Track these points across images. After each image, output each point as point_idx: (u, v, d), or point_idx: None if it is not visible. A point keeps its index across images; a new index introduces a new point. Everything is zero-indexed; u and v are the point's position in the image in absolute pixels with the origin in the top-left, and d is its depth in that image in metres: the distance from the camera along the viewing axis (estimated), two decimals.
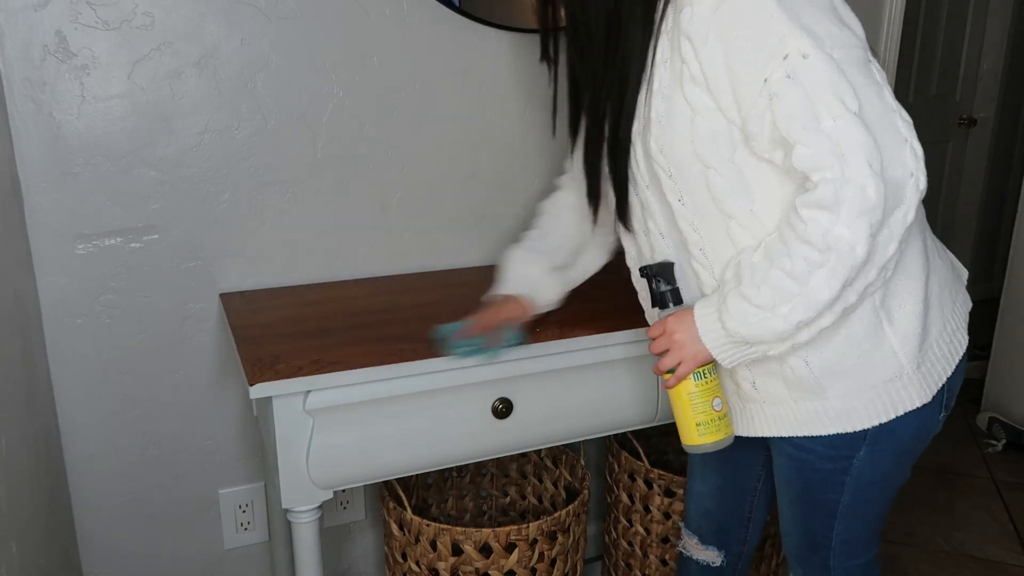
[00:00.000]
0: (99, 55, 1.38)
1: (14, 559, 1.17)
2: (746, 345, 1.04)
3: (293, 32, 1.49)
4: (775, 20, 0.92)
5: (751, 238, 1.03)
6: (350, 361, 1.22)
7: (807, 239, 0.94)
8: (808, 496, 1.18)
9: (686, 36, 0.97)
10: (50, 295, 1.45)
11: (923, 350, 1.08)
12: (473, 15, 1.60)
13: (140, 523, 1.63)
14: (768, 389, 1.12)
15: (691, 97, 1.00)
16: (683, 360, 1.08)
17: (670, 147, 1.04)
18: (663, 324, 1.10)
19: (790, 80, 0.92)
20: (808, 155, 0.92)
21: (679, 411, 1.12)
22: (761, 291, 0.98)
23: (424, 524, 1.43)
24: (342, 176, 1.60)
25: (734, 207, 1.03)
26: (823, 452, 1.12)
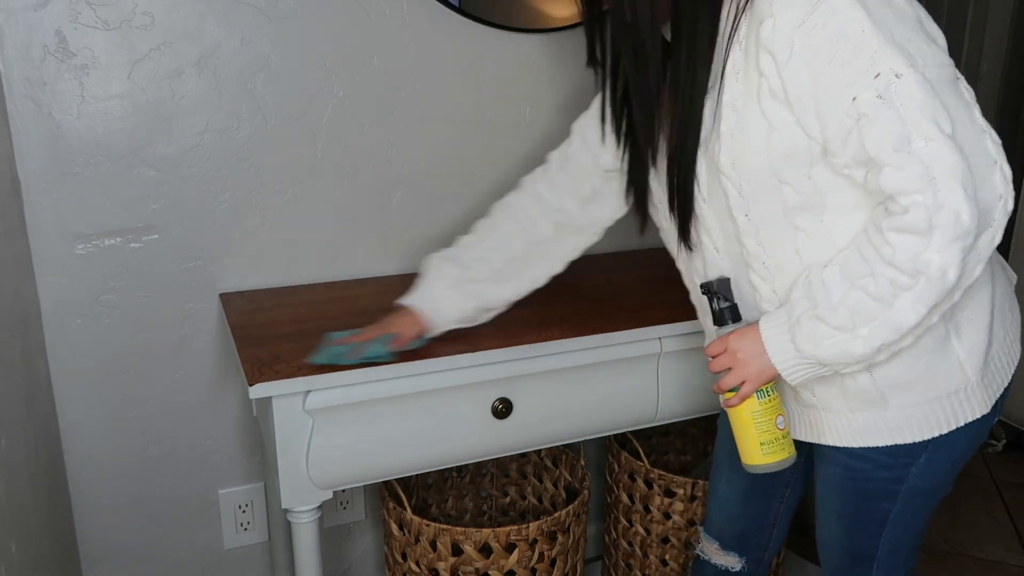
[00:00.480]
0: (99, 55, 1.38)
1: (14, 559, 1.17)
2: (820, 366, 1.01)
3: (293, 32, 1.49)
4: (866, 36, 0.88)
5: (819, 251, 1.00)
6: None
7: (894, 263, 0.91)
8: (859, 506, 1.15)
9: (767, 50, 0.93)
10: (50, 295, 1.45)
11: (987, 361, 1.06)
12: (473, 15, 1.60)
13: (140, 523, 1.63)
14: (826, 397, 1.09)
15: (769, 112, 0.96)
16: (747, 379, 1.05)
17: (742, 161, 1.00)
18: (724, 342, 1.07)
19: (881, 100, 0.88)
20: (899, 178, 0.89)
21: (741, 430, 1.09)
22: (838, 312, 0.95)
23: (424, 524, 1.43)
24: (342, 176, 1.60)
25: (804, 222, 1.00)
26: (882, 461, 1.10)
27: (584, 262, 1.80)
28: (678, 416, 1.49)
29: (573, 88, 1.74)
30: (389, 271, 1.68)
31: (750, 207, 1.03)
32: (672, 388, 1.45)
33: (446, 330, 1.29)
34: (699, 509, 1.64)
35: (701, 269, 1.15)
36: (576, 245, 1.37)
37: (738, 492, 1.32)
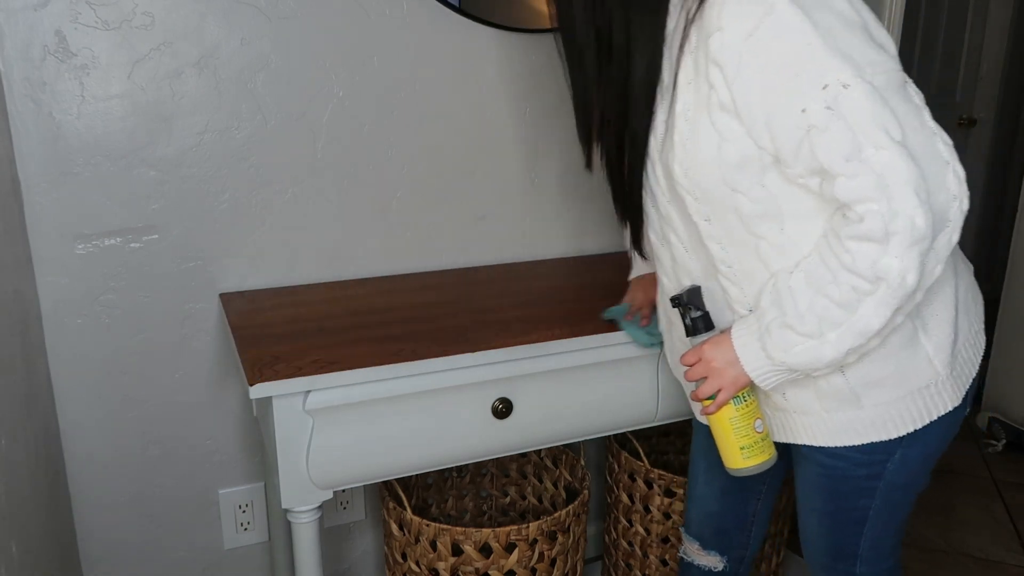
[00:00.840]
0: (99, 55, 1.38)
1: (14, 559, 1.17)
2: (791, 372, 1.03)
3: (293, 32, 1.49)
4: (813, 48, 0.89)
5: (783, 258, 1.01)
6: (350, 361, 1.22)
7: (854, 270, 0.92)
8: (838, 505, 1.17)
9: (715, 63, 0.94)
10: (50, 295, 1.45)
11: (954, 354, 1.08)
12: (473, 15, 1.60)
13: (140, 523, 1.63)
14: (798, 400, 1.11)
15: (719, 124, 0.97)
16: (723, 387, 1.07)
17: (694, 171, 1.02)
18: (699, 351, 1.09)
19: (830, 111, 0.89)
20: (852, 187, 0.90)
21: (721, 436, 1.11)
22: (806, 320, 0.97)
23: (424, 524, 1.43)
24: (342, 176, 1.60)
25: (763, 230, 1.01)
26: (858, 459, 1.11)
27: (584, 262, 1.80)
28: (678, 416, 1.49)
29: None
30: (389, 271, 1.68)
31: (709, 213, 1.04)
32: (672, 388, 1.45)
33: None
34: None
35: (670, 266, 1.16)
36: None
37: (716, 491, 1.34)
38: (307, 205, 1.58)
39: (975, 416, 2.89)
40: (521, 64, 1.68)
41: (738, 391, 1.08)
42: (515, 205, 1.76)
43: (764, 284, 1.03)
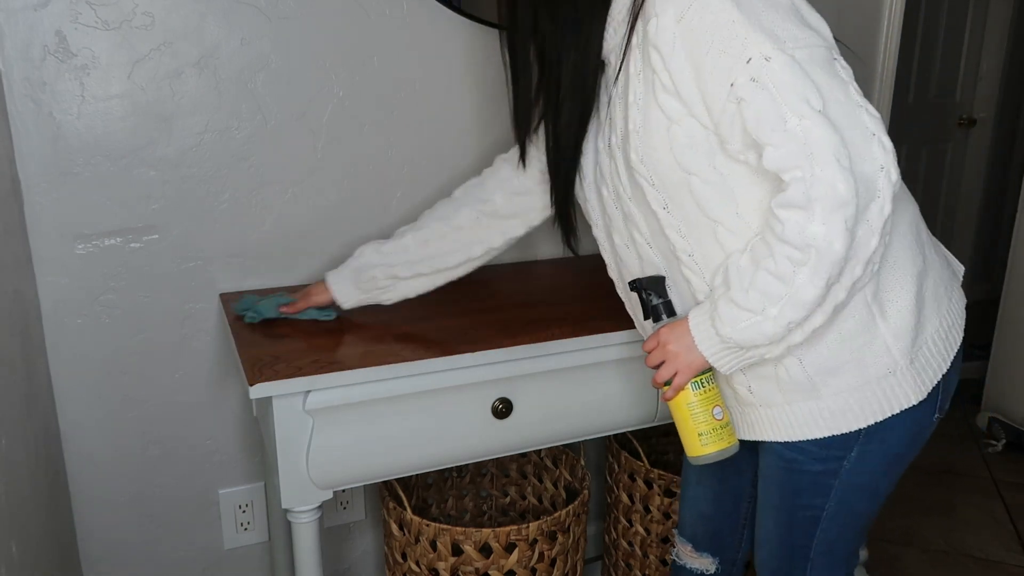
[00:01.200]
0: (99, 55, 1.38)
1: (14, 559, 1.17)
2: (741, 350, 1.04)
3: (293, 32, 1.49)
4: (736, 25, 0.94)
5: (740, 242, 1.03)
6: (350, 361, 1.22)
7: (785, 239, 0.94)
8: (793, 501, 1.16)
9: (654, 46, 0.99)
10: (50, 295, 1.45)
11: (917, 345, 1.07)
12: (473, 15, 1.60)
13: (140, 523, 1.63)
14: (763, 393, 1.11)
15: (665, 106, 1.01)
16: (679, 370, 1.08)
17: (650, 157, 1.05)
18: (657, 336, 1.10)
19: (755, 83, 0.93)
20: (778, 156, 0.93)
21: (680, 422, 1.12)
22: (749, 295, 0.99)
23: (424, 524, 1.43)
24: (342, 176, 1.60)
25: (719, 213, 1.03)
26: (815, 453, 1.11)
27: (584, 262, 1.80)
28: None
29: None
30: None
31: (667, 200, 1.07)
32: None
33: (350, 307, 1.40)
34: None
35: (637, 266, 1.17)
36: (501, 231, 1.40)
37: (708, 492, 1.34)
38: (307, 205, 1.58)
39: (975, 416, 2.89)
40: None
41: (695, 375, 1.09)
42: None
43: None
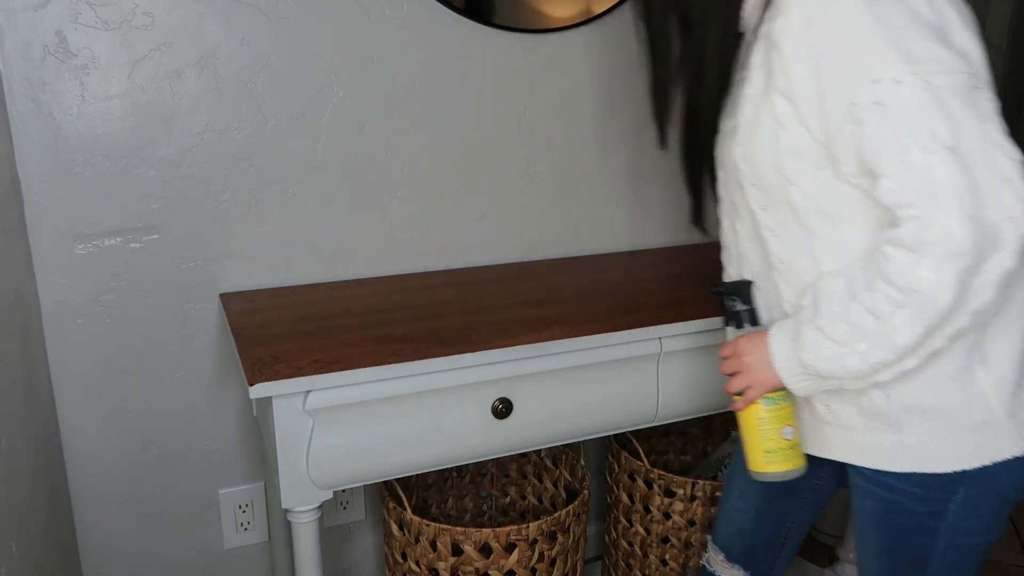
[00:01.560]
0: (99, 55, 1.38)
1: (14, 559, 1.17)
2: (820, 378, 0.99)
3: (293, 32, 1.49)
4: (870, 39, 0.86)
5: (836, 261, 0.97)
6: (350, 361, 1.22)
7: (888, 277, 0.88)
8: (897, 542, 1.07)
9: (776, 47, 0.93)
10: (50, 295, 1.45)
11: (1018, 397, 0.98)
12: (473, 15, 1.60)
13: (140, 523, 1.63)
14: (841, 413, 1.05)
15: (777, 109, 0.95)
16: (752, 384, 1.04)
17: (752, 157, 1.00)
18: (734, 345, 1.07)
19: (879, 107, 0.86)
20: (893, 189, 0.86)
21: (746, 435, 1.08)
22: (838, 325, 0.93)
23: (424, 524, 1.43)
24: (342, 176, 1.60)
25: (818, 227, 0.98)
26: (918, 494, 1.03)
27: (585, 262, 1.80)
28: (678, 416, 1.49)
29: (573, 88, 1.74)
30: (389, 271, 1.68)
31: (766, 202, 1.02)
32: (672, 388, 1.45)
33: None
34: (699, 509, 1.64)
35: (735, 259, 1.13)
36: None
37: (750, 507, 1.28)
38: (307, 205, 1.58)
39: None
40: (521, 64, 1.68)
41: (768, 391, 1.04)
42: (515, 205, 1.76)
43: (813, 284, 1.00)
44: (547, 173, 1.77)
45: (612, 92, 1.78)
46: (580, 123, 1.77)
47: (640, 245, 1.91)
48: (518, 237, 1.78)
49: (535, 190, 1.76)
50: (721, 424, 2.00)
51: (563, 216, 1.81)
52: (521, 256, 1.79)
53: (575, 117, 1.76)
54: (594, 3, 1.69)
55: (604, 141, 1.80)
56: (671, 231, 1.94)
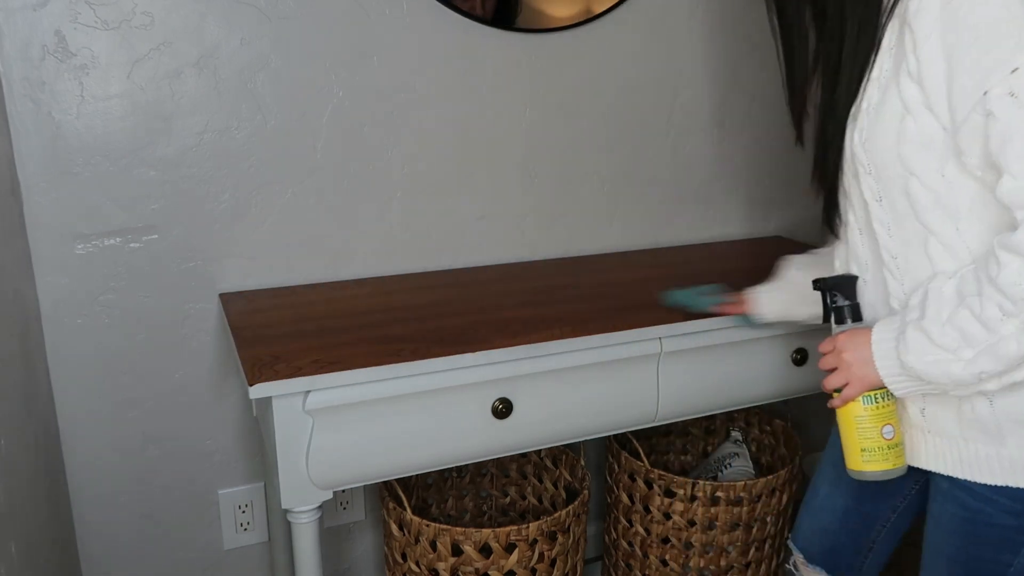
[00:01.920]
0: (98, 55, 1.38)
1: (14, 559, 1.17)
2: (921, 382, 0.96)
3: (293, 32, 1.49)
4: (1012, 24, 0.81)
5: (953, 261, 0.93)
6: (350, 361, 1.22)
7: (999, 284, 0.84)
8: (974, 553, 1.02)
9: (909, 27, 0.88)
10: (50, 295, 1.45)
11: None
12: (473, 15, 1.60)
13: (140, 523, 1.63)
14: (937, 420, 1.01)
15: (905, 93, 0.90)
16: (850, 382, 1.01)
17: (873, 143, 0.96)
18: (835, 340, 1.04)
19: (1013, 99, 0.81)
20: (1015, 189, 0.82)
21: (844, 433, 1.06)
22: (945, 330, 0.89)
23: (424, 524, 1.43)
24: (342, 176, 1.60)
25: (935, 223, 0.93)
26: (1007, 506, 0.97)
27: (585, 262, 1.80)
28: (678, 416, 1.49)
29: (573, 88, 1.74)
30: (389, 271, 1.68)
31: (881, 193, 0.98)
32: (672, 388, 1.45)
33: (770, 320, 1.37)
34: (699, 509, 1.64)
35: (844, 254, 1.09)
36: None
37: (838, 506, 1.22)
38: (307, 205, 1.58)
39: None
40: (521, 64, 1.68)
41: (867, 390, 1.01)
42: (515, 205, 1.76)
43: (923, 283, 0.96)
44: (547, 173, 1.77)
45: (612, 92, 1.78)
46: (580, 123, 1.77)
47: (640, 245, 1.91)
48: (518, 237, 1.78)
49: (535, 190, 1.76)
50: (721, 424, 2.00)
51: (563, 216, 1.81)
52: (521, 256, 1.79)
53: (575, 117, 1.76)
54: (594, 3, 1.69)
55: (604, 141, 1.80)
56: (671, 231, 1.94)
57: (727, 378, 1.50)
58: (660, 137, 1.86)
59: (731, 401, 1.54)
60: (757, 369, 1.52)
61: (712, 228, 1.98)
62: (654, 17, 1.77)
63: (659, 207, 1.90)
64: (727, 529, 1.66)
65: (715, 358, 1.48)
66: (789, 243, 1.97)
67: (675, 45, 1.81)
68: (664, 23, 1.79)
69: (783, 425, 1.87)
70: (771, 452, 1.92)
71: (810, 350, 1.54)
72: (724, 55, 1.87)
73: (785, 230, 2.07)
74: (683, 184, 1.92)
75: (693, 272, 1.72)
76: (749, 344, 1.49)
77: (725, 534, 1.67)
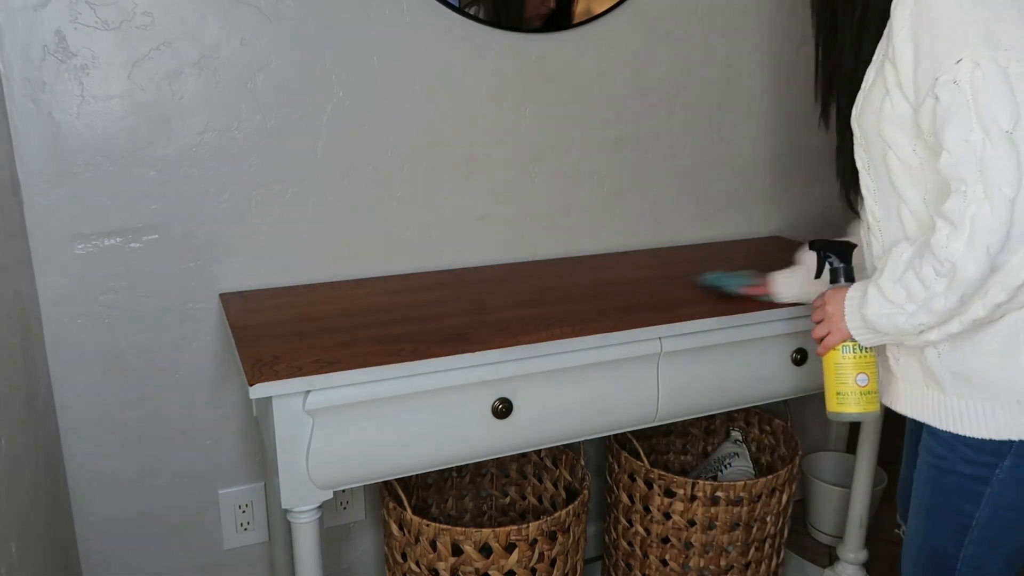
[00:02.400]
0: (99, 55, 1.38)
1: (14, 559, 1.17)
2: (877, 333, 1.09)
3: (293, 32, 1.49)
4: (963, 19, 0.92)
5: (918, 228, 1.06)
6: (350, 361, 1.22)
7: (933, 248, 0.96)
8: (940, 502, 1.13)
9: (891, 16, 1.00)
10: (50, 295, 1.45)
11: None
12: (473, 15, 1.60)
13: (140, 523, 1.63)
14: (907, 369, 1.15)
15: (888, 76, 1.02)
16: (831, 332, 1.15)
17: (864, 118, 1.08)
18: (823, 296, 1.18)
19: (954, 86, 0.92)
20: (950, 163, 0.93)
21: (826, 377, 1.19)
22: (896, 288, 1.02)
23: (424, 524, 1.43)
24: (342, 176, 1.60)
25: (907, 192, 1.06)
26: (964, 454, 1.09)
27: (585, 262, 1.80)
28: (678, 416, 1.49)
29: (573, 88, 1.74)
30: (389, 271, 1.68)
31: (868, 163, 1.11)
32: (672, 388, 1.45)
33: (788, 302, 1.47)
34: (699, 509, 1.64)
35: (863, 215, 1.20)
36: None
37: (911, 477, 1.30)
38: (307, 205, 1.58)
39: None
40: (521, 64, 1.68)
41: (843, 340, 1.15)
42: (515, 205, 1.76)
43: (896, 244, 1.07)
44: (547, 173, 1.77)
45: (612, 92, 1.78)
46: (580, 123, 1.77)
47: (639, 245, 1.91)
48: (518, 237, 1.78)
49: (535, 190, 1.77)
50: (721, 424, 2.00)
51: (563, 216, 1.81)
52: (521, 256, 1.79)
53: (575, 117, 1.76)
54: (594, 3, 1.69)
55: (604, 141, 1.80)
56: (671, 231, 1.94)
57: (727, 378, 1.50)
58: (660, 137, 1.86)
59: (731, 401, 1.54)
60: (757, 369, 1.52)
61: (712, 228, 1.98)
62: (654, 17, 1.77)
63: (659, 207, 1.91)
64: (727, 529, 1.66)
65: (715, 358, 1.48)
66: (789, 243, 1.97)
67: (675, 45, 1.81)
68: (664, 23, 1.79)
69: (783, 425, 1.87)
70: (771, 452, 1.92)
71: (810, 350, 1.54)
72: (724, 55, 1.88)
73: (785, 230, 2.07)
74: (683, 184, 1.92)
75: (692, 271, 1.72)
76: (749, 344, 1.49)
77: (725, 534, 1.67)
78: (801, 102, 2.00)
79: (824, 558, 2.11)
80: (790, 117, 2.00)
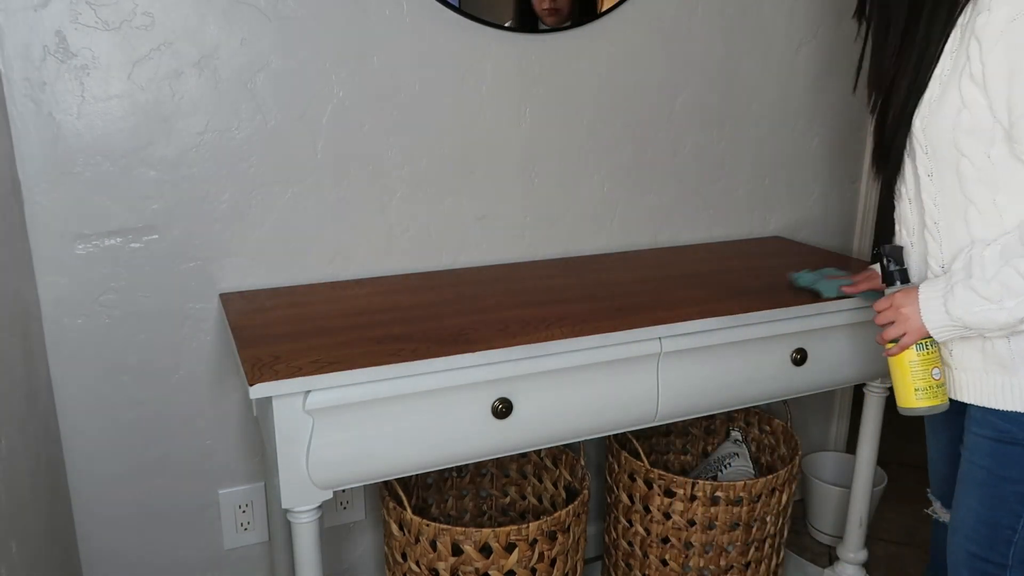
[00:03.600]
0: (99, 55, 1.38)
1: (14, 559, 1.17)
2: (965, 329, 1.14)
3: (293, 32, 1.49)
4: None
5: (984, 228, 1.13)
6: (350, 361, 1.22)
7: None
8: (1003, 474, 1.17)
9: (976, 38, 1.06)
10: (50, 295, 1.45)
11: None
12: (473, 15, 1.60)
13: (140, 523, 1.63)
14: (963, 358, 1.20)
15: (966, 92, 1.09)
16: (907, 332, 1.20)
17: (932, 129, 1.14)
18: (891, 299, 1.22)
19: None
20: None
21: (899, 376, 1.23)
22: (991, 285, 1.09)
23: (424, 524, 1.43)
24: (342, 176, 1.60)
25: (976, 194, 1.12)
26: None
27: (585, 262, 1.80)
28: (678, 416, 1.49)
29: (573, 88, 1.74)
30: (389, 271, 1.68)
31: (933, 169, 1.17)
32: (672, 388, 1.45)
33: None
34: (699, 509, 1.64)
35: (897, 219, 1.28)
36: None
37: (941, 451, 1.40)
38: (307, 205, 1.58)
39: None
40: (521, 64, 1.68)
41: (919, 338, 1.20)
42: (515, 205, 1.76)
43: (961, 247, 1.15)
44: (547, 173, 1.77)
45: (612, 92, 1.78)
46: (580, 123, 1.77)
47: (640, 245, 1.91)
48: (518, 237, 1.78)
49: (535, 190, 1.77)
50: (721, 424, 2.00)
51: (563, 216, 1.81)
52: (521, 256, 1.80)
53: (575, 117, 1.76)
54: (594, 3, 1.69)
55: (604, 141, 1.80)
56: (671, 231, 1.94)
57: (727, 378, 1.50)
58: (660, 137, 1.86)
59: (731, 401, 1.54)
60: (757, 369, 1.52)
61: (712, 228, 1.99)
62: (654, 17, 1.78)
63: (659, 207, 1.91)
64: (727, 529, 1.66)
65: (715, 358, 1.48)
66: (789, 243, 1.97)
67: (675, 45, 1.82)
68: (664, 23, 1.79)
69: (783, 425, 1.87)
70: (771, 452, 1.92)
71: (810, 350, 1.54)
72: (724, 55, 1.88)
73: (785, 230, 2.07)
74: (683, 184, 1.92)
75: (692, 271, 1.72)
76: (749, 344, 1.49)
77: (725, 534, 1.67)
78: (801, 102, 2.00)
79: (824, 558, 2.11)
80: (790, 117, 2.00)
